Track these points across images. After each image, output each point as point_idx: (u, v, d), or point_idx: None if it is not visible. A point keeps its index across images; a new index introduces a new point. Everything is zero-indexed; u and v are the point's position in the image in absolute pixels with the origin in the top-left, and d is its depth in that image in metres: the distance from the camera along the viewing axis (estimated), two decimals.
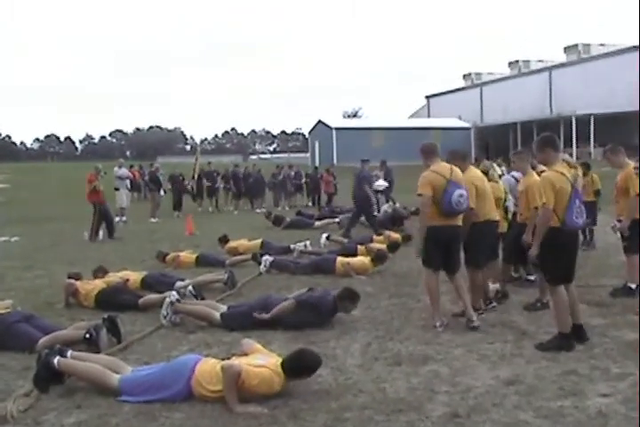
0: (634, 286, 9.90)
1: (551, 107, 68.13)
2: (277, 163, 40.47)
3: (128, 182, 26.76)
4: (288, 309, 8.59)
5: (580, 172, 7.79)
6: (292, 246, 15.05)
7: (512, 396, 6.02)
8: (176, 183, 28.64)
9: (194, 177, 30.23)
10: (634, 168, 9.85)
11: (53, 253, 16.98)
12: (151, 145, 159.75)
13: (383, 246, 14.29)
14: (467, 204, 8.51)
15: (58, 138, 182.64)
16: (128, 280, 11.08)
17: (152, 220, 25.80)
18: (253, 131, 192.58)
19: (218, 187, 30.37)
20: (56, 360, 6.35)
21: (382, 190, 23.83)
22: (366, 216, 19.33)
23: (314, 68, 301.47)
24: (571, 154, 36.69)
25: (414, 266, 13.18)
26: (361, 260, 12.73)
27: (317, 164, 57.51)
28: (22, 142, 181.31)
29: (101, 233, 19.87)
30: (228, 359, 6.27)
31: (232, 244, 15.57)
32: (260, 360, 6.17)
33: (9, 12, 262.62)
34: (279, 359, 6.24)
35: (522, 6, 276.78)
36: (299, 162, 52.89)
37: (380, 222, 20.63)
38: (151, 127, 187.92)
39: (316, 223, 21.72)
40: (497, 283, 10.26)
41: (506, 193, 10.56)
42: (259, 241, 15.66)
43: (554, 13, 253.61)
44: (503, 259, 10.49)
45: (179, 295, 9.07)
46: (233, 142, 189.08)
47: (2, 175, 57.94)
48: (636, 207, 9.73)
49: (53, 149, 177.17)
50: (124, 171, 26.34)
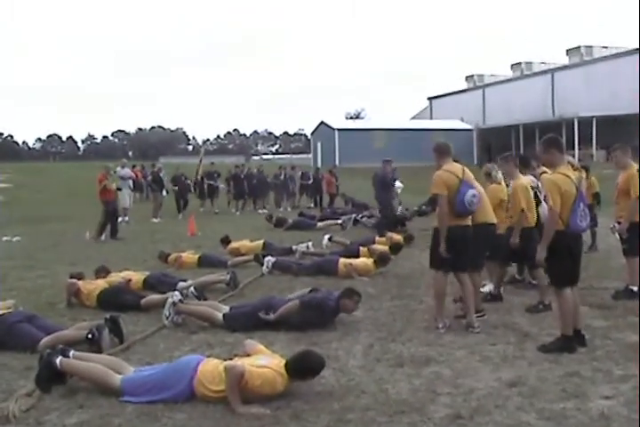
0: (635, 289, 9.89)
1: (553, 109, 68.03)
2: (280, 164, 40.35)
3: (131, 182, 26.81)
4: (293, 309, 8.59)
5: (584, 174, 7.76)
6: (294, 247, 15.02)
7: (514, 397, 6.01)
8: (179, 184, 28.50)
9: (197, 178, 30.20)
10: (636, 170, 9.82)
11: (55, 253, 16.98)
12: (153, 145, 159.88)
13: (385, 248, 14.28)
14: (479, 204, 8.52)
15: (60, 138, 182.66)
16: (130, 280, 11.08)
17: (154, 220, 25.80)
18: (256, 132, 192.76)
19: (217, 187, 30.19)
20: (58, 360, 6.35)
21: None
22: (382, 217, 19.20)
23: (316, 70, 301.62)
24: (573, 156, 36.57)
25: (416, 267, 13.26)
26: (363, 261, 12.73)
27: (320, 165, 57.57)
28: (24, 142, 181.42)
29: (95, 233, 19.86)
30: (231, 360, 6.27)
31: (234, 244, 15.56)
32: (263, 361, 6.17)
33: (9, 12, 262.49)
34: (282, 360, 6.24)
35: (524, 8, 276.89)
36: (301, 163, 52.86)
37: (382, 223, 20.67)
38: (153, 127, 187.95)
39: (318, 224, 21.67)
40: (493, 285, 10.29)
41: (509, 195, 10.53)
42: (260, 242, 15.64)
43: (556, 15, 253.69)
44: (500, 261, 10.40)
45: (181, 296, 9.07)
46: (235, 143, 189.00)
47: (4, 175, 57.82)
48: (636, 210, 9.72)
49: (55, 149, 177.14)
50: (127, 171, 26.36)
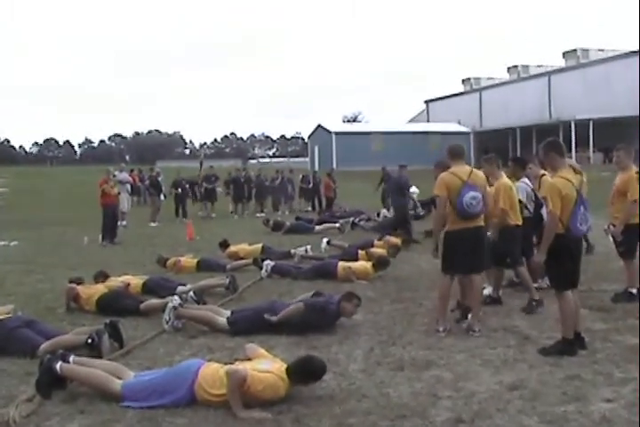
0: (634, 291, 9.89)
1: (550, 112, 68.16)
2: (277, 167, 40.33)
3: (129, 187, 26.77)
4: (297, 311, 8.58)
5: (585, 177, 7.75)
6: (293, 251, 15.01)
7: (516, 401, 6.01)
8: (179, 188, 28.33)
9: (199, 182, 30.10)
10: (635, 173, 9.81)
11: (53, 257, 16.93)
12: (150, 149, 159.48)
13: (384, 251, 14.28)
14: (480, 206, 8.47)
15: (57, 142, 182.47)
16: (129, 285, 11.06)
17: (152, 224, 25.77)
18: (253, 135, 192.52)
19: (215, 190, 30.00)
20: (58, 366, 6.33)
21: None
22: (397, 220, 19.20)
23: (313, 73, 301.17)
24: (569, 158, 36.67)
25: (415, 270, 13.29)
26: (363, 264, 12.72)
27: (317, 168, 57.61)
28: (21, 146, 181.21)
29: (100, 237, 19.87)
30: (232, 364, 6.26)
31: (232, 248, 15.56)
32: (265, 365, 6.15)
33: (9, 12, 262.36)
34: (284, 365, 6.23)
35: (521, 11, 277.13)
36: (298, 166, 52.89)
37: (380, 227, 20.67)
38: (150, 131, 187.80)
39: (316, 228, 21.65)
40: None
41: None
42: (259, 246, 15.65)
43: (553, 18, 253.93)
44: (496, 264, 10.36)
45: (181, 300, 9.06)
46: (232, 147, 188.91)
47: (1, 179, 57.84)
48: (632, 213, 9.71)
49: (52, 154, 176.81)
50: (125, 175, 26.35)
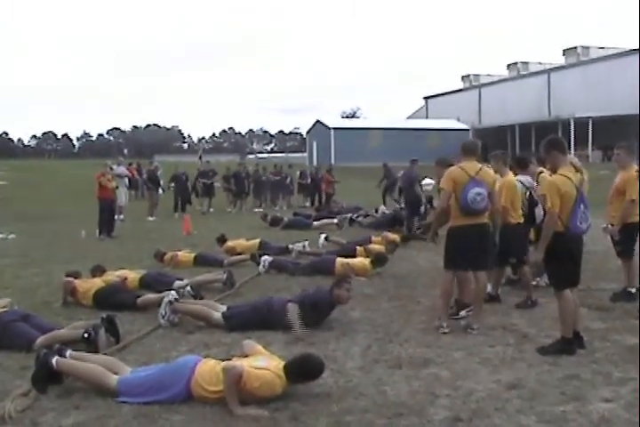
0: (633, 291, 9.86)
1: (549, 109, 68.16)
2: (275, 162, 40.24)
3: (126, 180, 26.66)
4: (297, 314, 8.50)
5: (586, 175, 7.71)
6: (291, 247, 14.97)
7: (514, 400, 5.97)
8: (179, 183, 28.07)
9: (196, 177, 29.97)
10: (635, 171, 9.76)
11: (50, 251, 16.88)
12: (148, 143, 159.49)
13: (382, 248, 14.26)
14: (484, 203, 8.41)
15: (55, 135, 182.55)
16: (126, 279, 11.01)
17: (149, 218, 25.70)
18: (251, 130, 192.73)
19: (213, 185, 29.69)
20: (54, 360, 6.28)
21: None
22: (410, 216, 19.16)
23: (313, 69, 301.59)
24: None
25: (413, 268, 13.27)
26: (361, 261, 12.67)
27: (315, 163, 57.53)
28: (19, 139, 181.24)
29: (97, 231, 19.84)
30: (229, 360, 6.22)
31: (230, 243, 15.50)
32: (262, 362, 6.11)
33: (9, 12, 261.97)
34: (281, 362, 6.18)
35: (521, 8, 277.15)
36: (296, 162, 52.82)
37: (379, 223, 20.65)
38: (149, 125, 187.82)
39: (314, 224, 21.58)
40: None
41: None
42: (257, 241, 15.59)
43: (553, 16, 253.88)
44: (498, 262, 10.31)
45: (177, 295, 9.01)
46: (230, 141, 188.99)
47: None
48: (630, 212, 9.67)
49: (51, 147, 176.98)
50: (123, 169, 26.22)
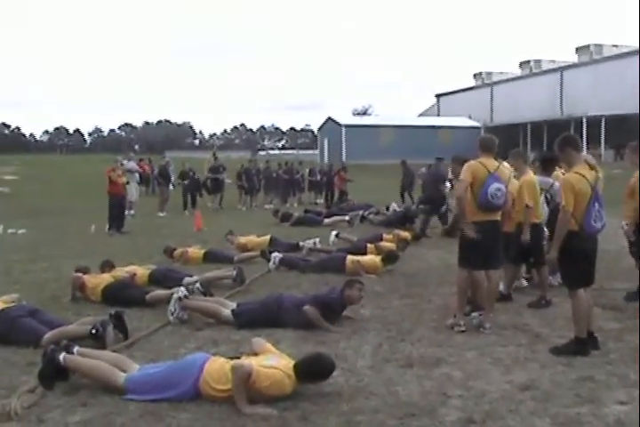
0: None
1: (562, 107, 67.89)
2: (286, 159, 40.12)
3: (137, 176, 26.59)
4: (316, 315, 8.41)
5: (601, 173, 7.59)
6: (301, 244, 14.87)
7: (528, 402, 5.87)
8: (188, 179, 27.95)
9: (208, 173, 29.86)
10: None
11: (60, 246, 16.87)
12: (160, 139, 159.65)
13: (393, 245, 14.17)
14: (502, 200, 8.36)
15: (67, 130, 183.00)
16: (135, 275, 10.96)
17: (160, 214, 25.64)
18: (262, 127, 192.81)
19: (223, 181, 29.53)
20: (62, 356, 6.21)
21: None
22: (429, 214, 19.00)
23: (324, 66, 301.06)
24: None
25: (424, 266, 13.18)
26: (372, 258, 12.55)
27: (326, 161, 57.50)
28: (31, 134, 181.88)
29: (107, 227, 19.82)
30: (238, 358, 6.13)
31: (241, 240, 15.45)
32: (272, 361, 6.02)
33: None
34: (291, 361, 6.09)
35: (534, 6, 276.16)
36: (307, 159, 52.81)
37: (390, 221, 20.55)
38: (160, 121, 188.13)
39: (325, 221, 21.47)
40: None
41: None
42: (267, 237, 15.52)
43: (566, 13, 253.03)
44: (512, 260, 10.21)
45: (187, 291, 8.94)
46: (242, 138, 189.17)
47: (11, 167, 57.80)
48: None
49: (62, 142, 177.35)
50: (133, 164, 26.18)
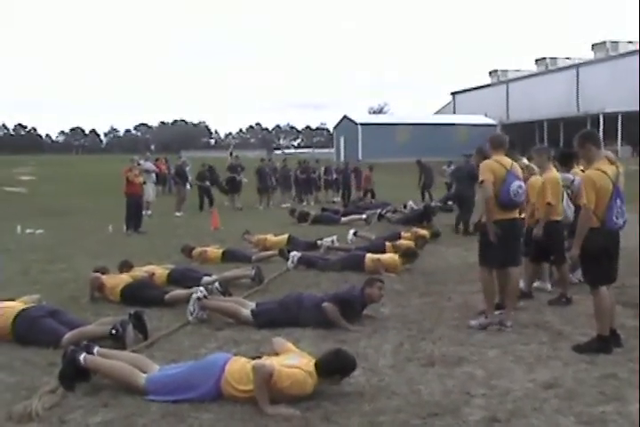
0: None
1: (578, 104, 67.58)
2: (302, 158, 40.04)
3: (154, 176, 26.61)
4: (336, 313, 8.37)
5: (622, 169, 7.53)
6: (319, 242, 14.84)
7: (552, 400, 5.82)
8: (204, 180, 27.99)
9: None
10: None
11: (78, 246, 16.88)
12: (175, 139, 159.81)
13: (411, 243, 14.12)
14: (524, 197, 8.43)
15: (83, 131, 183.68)
16: (153, 275, 10.94)
17: (177, 214, 25.62)
18: (278, 126, 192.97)
19: (240, 181, 29.39)
20: (82, 357, 6.20)
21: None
22: (465, 212, 18.85)
23: (340, 64, 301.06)
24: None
25: (443, 264, 13.16)
26: (391, 257, 12.48)
27: (342, 159, 57.44)
28: (47, 135, 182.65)
29: (124, 226, 19.84)
30: (259, 358, 6.10)
31: (260, 236, 15.52)
32: (293, 360, 5.99)
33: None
34: (312, 360, 6.06)
35: (549, 3, 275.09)
36: (323, 157, 52.74)
37: (407, 219, 20.49)
38: (176, 121, 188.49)
39: (342, 219, 21.43)
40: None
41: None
42: (285, 236, 15.48)
43: (582, 10, 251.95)
44: (533, 257, 10.15)
45: (206, 291, 8.92)
46: (257, 137, 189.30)
47: (27, 167, 58.07)
48: None
49: (78, 142, 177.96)
50: (150, 164, 26.20)
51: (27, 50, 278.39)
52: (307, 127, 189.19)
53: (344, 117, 75.09)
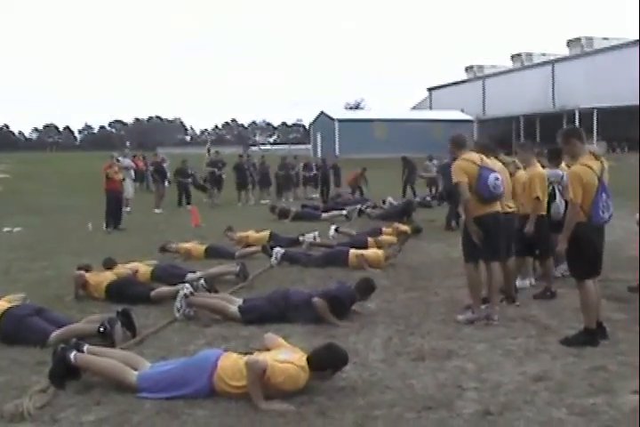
0: None
1: (554, 100, 68.00)
2: (279, 154, 39.97)
3: (132, 172, 26.46)
4: (325, 307, 8.39)
5: (607, 164, 7.58)
6: (301, 238, 14.83)
7: (542, 393, 5.88)
8: (181, 176, 27.80)
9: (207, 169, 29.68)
10: None
11: (57, 244, 16.75)
12: (151, 135, 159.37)
13: (393, 239, 14.18)
14: (503, 187, 8.42)
15: (57, 128, 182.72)
16: (137, 272, 10.89)
17: (156, 211, 25.46)
18: (254, 122, 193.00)
19: (221, 176, 29.05)
20: (73, 355, 6.16)
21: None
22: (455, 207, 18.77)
23: (316, 60, 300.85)
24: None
25: (426, 259, 13.19)
26: (375, 252, 12.50)
27: (320, 155, 57.44)
28: (21, 132, 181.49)
29: (104, 223, 19.69)
30: (251, 354, 6.09)
31: (241, 233, 15.45)
32: (285, 355, 5.99)
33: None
34: (304, 355, 6.06)
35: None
36: (300, 154, 52.71)
37: (388, 215, 20.51)
38: (151, 117, 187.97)
39: (323, 215, 21.42)
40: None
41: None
42: (266, 233, 15.45)
43: (557, 6, 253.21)
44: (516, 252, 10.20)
45: (192, 288, 8.89)
46: (233, 133, 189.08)
47: (1, 165, 57.69)
48: None
49: (52, 139, 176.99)
50: (129, 161, 26.06)
51: None
52: (283, 124, 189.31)
53: (321, 113, 75.16)
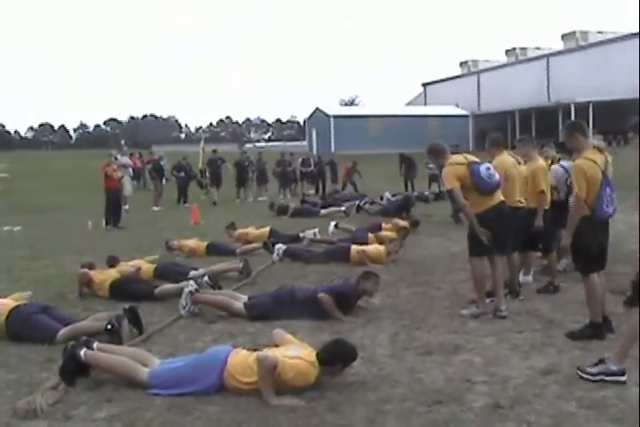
0: None
1: (549, 94, 67.94)
2: (274, 151, 39.94)
3: (130, 170, 26.46)
4: (332, 304, 8.42)
5: (610, 158, 7.59)
6: (302, 235, 14.84)
7: (552, 386, 5.89)
8: (182, 172, 27.92)
9: (203, 166, 29.79)
10: None
11: (58, 242, 16.78)
12: (146, 133, 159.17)
13: (393, 234, 14.19)
14: (497, 176, 8.37)
15: (52, 127, 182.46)
16: (140, 269, 10.90)
17: (154, 208, 25.50)
18: (248, 119, 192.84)
19: (221, 174, 29.11)
20: (82, 352, 6.18)
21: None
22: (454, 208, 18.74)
23: (310, 56, 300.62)
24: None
25: (427, 254, 13.20)
26: (376, 248, 12.51)
27: (315, 152, 57.40)
28: (16, 131, 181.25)
29: (103, 221, 19.72)
30: (259, 350, 6.11)
31: (241, 230, 15.45)
32: (294, 351, 6.01)
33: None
34: (313, 351, 6.09)
35: None
36: (295, 150, 52.64)
37: (386, 210, 20.50)
38: (145, 116, 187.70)
39: (322, 211, 21.44)
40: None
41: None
42: (266, 229, 15.45)
43: (551, 0, 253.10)
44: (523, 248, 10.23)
45: (196, 285, 8.92)
46: (228, 131, 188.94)
47: (0, 164, 57.59)
48: None
49: (47, 138, 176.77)
50: (126, 159, 26.06)
51: None
52: (277, 120, 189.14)
53: (316, 110, 74.99)
